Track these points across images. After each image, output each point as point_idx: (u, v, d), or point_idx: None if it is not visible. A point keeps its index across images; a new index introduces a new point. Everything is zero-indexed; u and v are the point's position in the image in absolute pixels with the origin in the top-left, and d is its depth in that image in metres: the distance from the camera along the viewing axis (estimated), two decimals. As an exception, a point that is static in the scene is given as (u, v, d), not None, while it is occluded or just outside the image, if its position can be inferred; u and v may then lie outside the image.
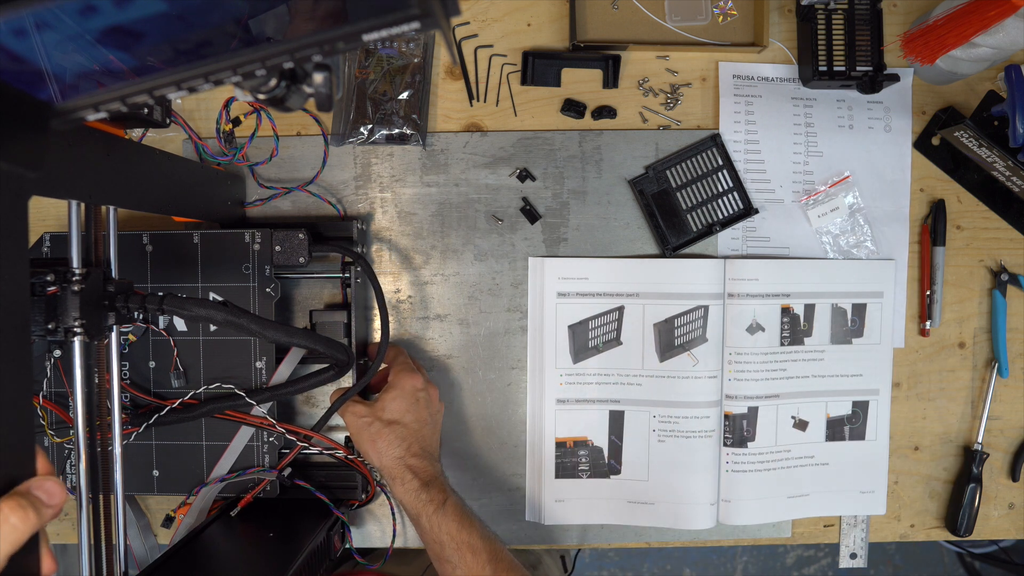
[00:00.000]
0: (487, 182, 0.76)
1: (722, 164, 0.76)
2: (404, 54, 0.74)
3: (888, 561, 1.67)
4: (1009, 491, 0.80)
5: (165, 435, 0.68)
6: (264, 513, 0.68)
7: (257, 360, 0.67)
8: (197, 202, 0.67)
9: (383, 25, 0.29)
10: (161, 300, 0.51)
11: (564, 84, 0.76)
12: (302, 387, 0.66)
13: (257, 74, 0.32)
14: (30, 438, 0.36)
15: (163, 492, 0.69)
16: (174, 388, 0.68)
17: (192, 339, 0.68)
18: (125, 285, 0.51)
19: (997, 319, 0.78)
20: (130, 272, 0.67)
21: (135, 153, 0.53)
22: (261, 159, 0.75)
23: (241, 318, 0.54)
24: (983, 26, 0.63)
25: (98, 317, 0.48)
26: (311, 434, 0.69)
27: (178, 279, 0.68)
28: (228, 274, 0.67)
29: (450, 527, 0.63)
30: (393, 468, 0.66)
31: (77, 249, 0.49)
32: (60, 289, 0.46)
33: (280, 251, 0.67)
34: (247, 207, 0.75)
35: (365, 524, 0.77)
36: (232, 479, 0.68)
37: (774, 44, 0.77)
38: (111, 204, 0.50)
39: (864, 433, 0.78)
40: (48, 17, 0.28)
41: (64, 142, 0.43)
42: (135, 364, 0.68)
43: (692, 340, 0.75)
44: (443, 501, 0.64)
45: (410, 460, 0.66)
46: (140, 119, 0.50)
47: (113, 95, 0.32)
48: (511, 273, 0.77)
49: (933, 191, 0.78)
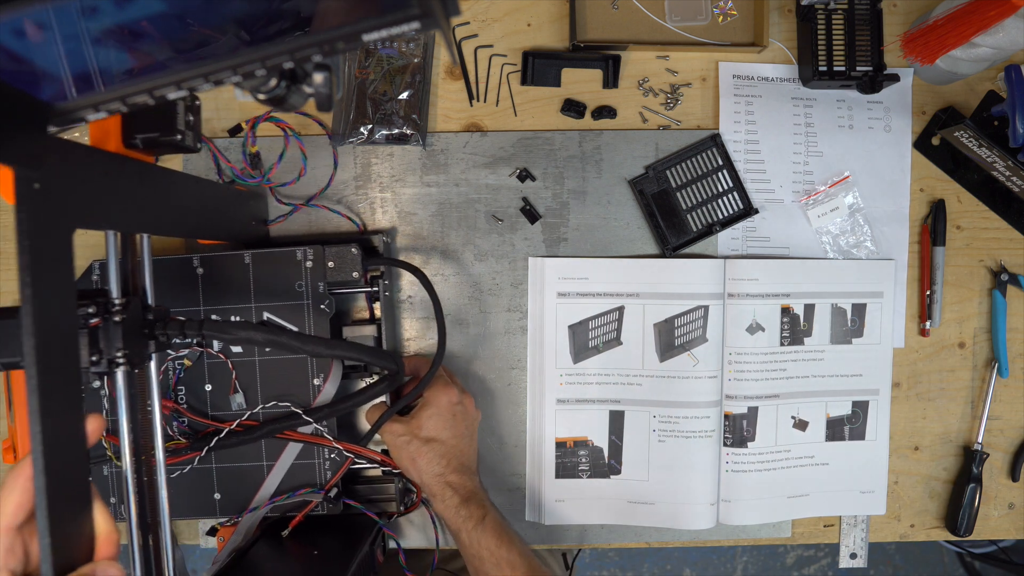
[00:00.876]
0: (487, 182, 0.76)
1: (722, 164, 0.76)
2: (404, 54, 0.74)
3: (888, 561, 1.67)
4: (1009, 491, 0.80)
5: (225, 458, 0.68)
6: (306, 528, 0.68)
7: (315, 377, 0.66)
8: (225, 224, 0.67)
9: (383, 25, 0.29)
10: (200, 325, 0.50)
11: (564, 84, 0.76)
12: (359, 401, 0.64)
13: (257, 74, 0.32)
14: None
15: (225, 514, 0.68)
16: (233, 411, 0.67)
17: (248, 359, 0.67)
18: (162, 312, 0.50)
19: (997, 319, 0.78)
20: (182, 296, 0.67)
21: (167, 180, 0.53)
22: (288, 179, 0.75)
23: (280, 336, 0.53)
24: (983, 26, 0.63)
25: (140, 346, 0.47)
26: (373, 454, 0.69)
27: (231, 300, 0.67)
28: (281, 293, 0.66)
29: (489, 543, 0.64)
30: (433, 485, 0.67)
31: (117, 279, 0.48)
32: (103, 320, 0.45)
33: (333, 267, 0.66)
34: (269, 225, 0.75)
35: (403, 529, 0.77)
36: (280, 502, 0.67)
37: (774, 44, 0.77)
38: (147, 232, 0.50)
39: (864, 433, 0.78)
40: (48, 17, 0.28)
41: (100, 173, 0.43)
42: (192, 388, 0.67)
43: (692, 340, 0.75)
44: (482, 517, 0.65)
45: (450, 476, 0.67)
46: (173, 145, 0.50)
47: (113, 95, 0.32)
48: (511, 273, 0.77)
49: (933, 191, 0.78)
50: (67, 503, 0.35)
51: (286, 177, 0.75)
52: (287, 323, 0.67)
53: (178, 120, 0.49)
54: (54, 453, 0.35)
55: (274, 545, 0.66)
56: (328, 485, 0.67)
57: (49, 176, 0.36)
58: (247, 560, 0.63)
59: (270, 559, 0.65)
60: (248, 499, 0.67)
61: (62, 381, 0.36)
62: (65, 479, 0.35)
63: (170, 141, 0.50)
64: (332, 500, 0.67)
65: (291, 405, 0.66)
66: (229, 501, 0.68)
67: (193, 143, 0.51)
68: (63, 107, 0.33)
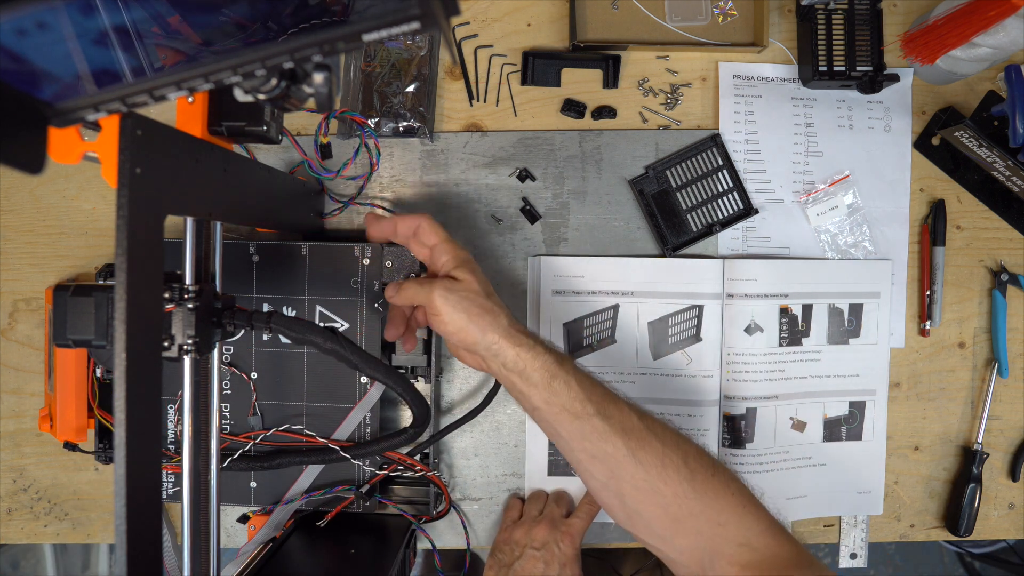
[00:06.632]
0: (487, 182, 0.76)
1: (722, 164, 0.76)
2: (409, 47, 0.74)
3: (888, 561, 1.67)
4: (1009, 491, 0.80)
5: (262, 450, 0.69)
6: (340, 525, 0.68)
7: (362, 375, 0.66)
8: (289, 214, 0.67)
9: (383, 25, 0.29)
10: (268, 318, 0.51)
11: (564, 84, 0.76)
12: (383, 447, 0.64)
13: (257, 74, 0.32)
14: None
15: (260, 503, 0.69)
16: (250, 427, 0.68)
17: (297, 351, 0.67)
18: (229, 301, 0.51)
19: (997, 319, 0.78)
20: (236, 282, 0.67)
21: (246, 168, 0.54)
22: (359, 174, 0.75)
23: (345, 349, 0.52)
24: (983, 26, 0.63)
25: (208, 334, 0.48)
26: (414, 461, 0.69)
27: (284, 291, 0.67)
28: (335, 287, 0.67)
29: (584, 382, 0.56)
30: (516, 337, 0.56)
31: (191, 266, 0.48)
32: (177, 306, 0.45)
33: (391, 266, 0.66)
34: (324, 218, 0.75)
35: (435, 530, 0.77)
36: (315, 497, 0.68)
37: (774, 44, 0.77)
38: (224, 219, 0.50)
39: (861, 434, 0.78)
40: (48, 17, 0.28)
41: (192, 160, 0.43)
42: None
43: (686, 339, 0.75)
44: (574, 368, 0.57)
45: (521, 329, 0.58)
46: (257, 136, 0.50)
47: (113, 95, 0.32)
48: (511, 273, 0.77)
49: (933, 191, 0.78)
50: (143, 492, 0.36)
51: (357, 171, 0.75)
52: (339, 318, 0.67)
53: (265, 111, 0.50)
54: (135, 440, 0.35)
55: (309, 540, 0.66)
56: (372, 482, 0.68)
57: (149, 161, 0.37)
58: (283, 553, 0.63)
59: (308, 554, 0.65)
60: (283, 490, 0.68)
61: (146, 366, 0.37)
62: (144, 465, 0.36)
63: (255, 131, 0.50)
64: (366, 497, 0.68)
65: (316, 435, 0.66)
66: (264, 491, 0.68)
67: (276, 135, 0.52)
68: (63, 107, 0.33)
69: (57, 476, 0.77)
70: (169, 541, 0.72)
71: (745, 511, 0.54)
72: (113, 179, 0.36)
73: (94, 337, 0.47)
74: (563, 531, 0.69)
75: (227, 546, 0.75)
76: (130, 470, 0.35)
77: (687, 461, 0.54)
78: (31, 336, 0.77)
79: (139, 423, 0.36)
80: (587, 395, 0.55)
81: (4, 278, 0.77)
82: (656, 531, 0.56)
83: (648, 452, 0.54)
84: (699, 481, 0.54)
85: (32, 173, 0.34)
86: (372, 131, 0.73)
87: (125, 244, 0.35)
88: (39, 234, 0.77)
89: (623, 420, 0.55)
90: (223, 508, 0.75)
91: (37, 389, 0.77)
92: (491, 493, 0.77)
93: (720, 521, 0.54)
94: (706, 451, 0.57)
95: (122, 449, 0.35)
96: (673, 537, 0.55)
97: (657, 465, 0.54)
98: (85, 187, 0.77)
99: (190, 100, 0.48)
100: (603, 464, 0.55)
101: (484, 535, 0.76)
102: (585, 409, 0.54)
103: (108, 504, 0.77)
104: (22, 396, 0.77)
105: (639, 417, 0.56)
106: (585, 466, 0.56)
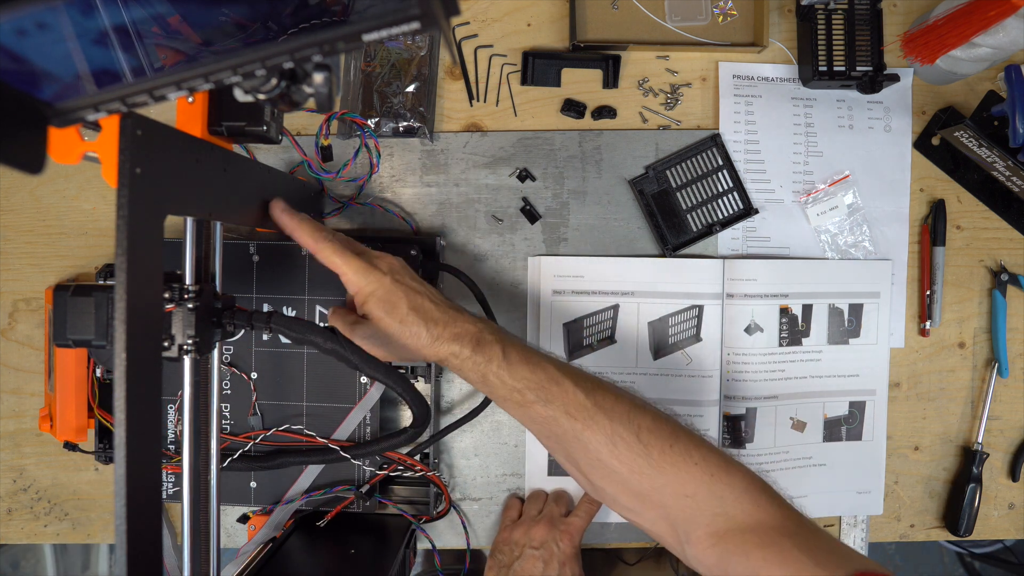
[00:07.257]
0: (487, 182, 0.76)
1: (722, 164, 0.76)
2: (409, 47, 0.74)
3: (888, 561, 1.67)
4: (1009, 491, 0.80)
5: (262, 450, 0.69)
6: (340, 525, 0.68)
7: (362, 375, 0.67)
8: None
9: (383, 25, 0.29)
10: (268, 318, 0.51)
11: (564, 84, 0.76)
12: (384, 447, 0.64)
13: (257, 74, 0.32)
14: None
15: (260, 503, 0.69)
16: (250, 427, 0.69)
17: (297, 350, 0.68)
18: (229, 301, 0.51)
19: (997, 319, 0.78)
20: (236, 282, 0.67)
21: (246, 168, 0.54)
22: (360, 174, 0.75)
23: (346, 349, 0.52)
24: (983, 26, 0.63)
25: (208, 334, 0.48)
26: (415, 463, 0.69)
27: (284, 290, 0.68)
28: (336, 288, 0.66)
29: (523, 373, 0.54)
30: (439, 350, 0.55)
31: (191, 265, 0.49)
32: (177, 306, 0.46)
33: None
34: (324, 218, 0.75)
35: (434, 529, 0.77)
36: (315, 497, 0.68)
37: (774, 44, 0.77)
38: (224, 219, 0.50)
39: (861, 434, 0.78)
40: (48, 17, 0.28)
41: (193, 160, 0.43)
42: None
43: (686, 339, 0.75)
44: (501, 352, 0.54)
45: (445, 332, 0.55)
46: (257, 136, 0.50)
47: (113, 95, 0.32)
48: (511, 273, 0.77)
49: (933, 191, 0.78)
50: (143, 492, 0.36)
51: (357, 172, 0.75)
52: None
53: (265, 111, 0.50)
54: (136, 440, 0.35)
55: (309, 540, 0.66)
56: (372, 482, 0.68)
57: (149, 161, 0.37)
58: (283, 553, 0.64)
59: (308, 554, 0.65)
60: (283, 490, 0.68)
61: (146, 366, 0.37)
62: (145, 465, 0.36)
63: (256, 131, 0.50)
64: (366, 497, 0.68)
65: (316, 435, 0.66)
66: (264, 491, 0.69)
67: (276, 135, 0.52)
68: (63, 107, 0.33)
69: (57, 476, 0.77)
70: (169, 541, 0.72)
71: (713, 479, 0.52)
72: (113, 179, 0.36)
73: (94, 337, 0.47)
74: (562, 530, 0.69)
75: (227, 546, 0.75)
76: (130, 470, 0.35)
77: (639, 436, 0.53)
78: (31, 336, 0.77)
79: (139, 423, 0.36)
80: (525, 383, 0.54)
81: (4, 278, 0.77)
82: (625, 505, 0.55)
83: (595, 431, 0.53)
84: (655, 455, 0.53)
85: (32, 173, 0.34)
86: (372, 132, 0.73)
87: (125, 244, 0.35)
88: (39, 234, 0.77)
89: (566, 401, 0.54)
90: (223, 508, 0.75)
91: (37, 389, 0.77)
92: (491, 493, 0.77)
93: (686, 493, 0.52)
94: (665, 418, 0.55)
95: (122, 449, 0.35)
96: (642, 511, 0.55)
97: (607, 444, 0.53)
98: (85, 187, 0.77)
99: (190, 100, 0.48)
100: (560, 445, 0.55)
101: (484, 535, 0.76)
102: (525, 397, 0.54)
103: (108, 504, 0.77)
104: (22, 396, 0.77)
105: (586, 394, 0.54)
106: (551, 449, 0.57)
